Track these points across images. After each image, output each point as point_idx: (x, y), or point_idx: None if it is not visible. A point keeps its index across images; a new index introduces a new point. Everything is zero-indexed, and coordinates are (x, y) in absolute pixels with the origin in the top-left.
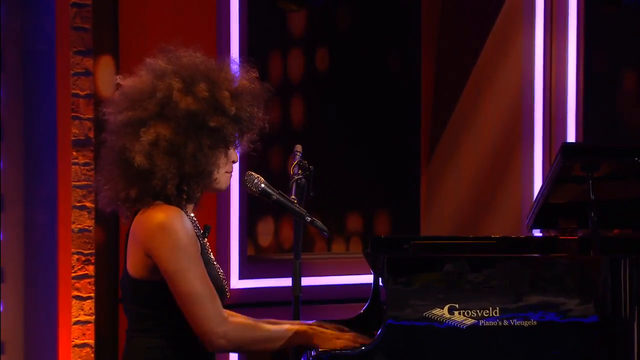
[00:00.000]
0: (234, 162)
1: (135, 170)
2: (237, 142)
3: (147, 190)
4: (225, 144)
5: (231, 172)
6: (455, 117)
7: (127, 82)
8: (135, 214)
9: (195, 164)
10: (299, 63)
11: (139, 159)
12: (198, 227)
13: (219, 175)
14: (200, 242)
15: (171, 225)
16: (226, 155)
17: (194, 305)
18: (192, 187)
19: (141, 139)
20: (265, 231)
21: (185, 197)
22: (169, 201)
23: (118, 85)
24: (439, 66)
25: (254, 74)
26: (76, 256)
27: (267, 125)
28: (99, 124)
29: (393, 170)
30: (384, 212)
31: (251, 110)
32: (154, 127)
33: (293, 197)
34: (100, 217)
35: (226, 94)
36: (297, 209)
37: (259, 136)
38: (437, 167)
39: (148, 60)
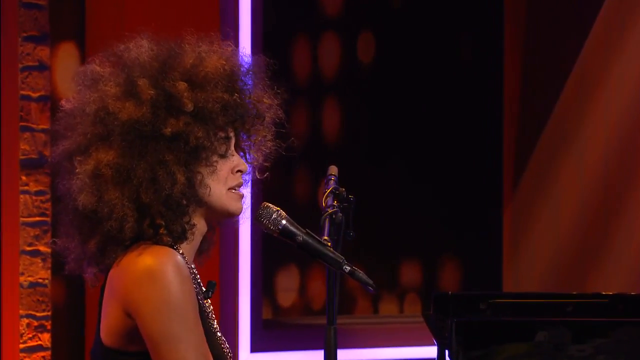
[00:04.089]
0: (239, 172)
1: (84, 215)
2: (226, 146)
3: (107, 237)
4: (203, 152)
5: (237, 185)
6: (551, 130)
7: (68, 104)
8: (109, 267)
9: (156, 189)
10: (334, 53)
11: (82, 199)
12: (199, 283)
13: (214, 196)
14: (200, 302)
15: (162, 273)
16: (210, 166)
17: None
18: (168, 217)
19: (77, 171)
20: (288, 286)
21: (164, 232)
22: (153, 241)
23: (60, 110)
24: (528, 60)
25: (230, 46)
26: (26, 320)
27: (281, 114)
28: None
29: (464, 203)
30: (451, 260)
31: (229, 97)
32: (94, 153)
33: (326, 238)
34: (58, 266)
35: (181, 85)
36: (331, 254)
37: (272, 130)
38: (525, 198)
39: (81, 68)
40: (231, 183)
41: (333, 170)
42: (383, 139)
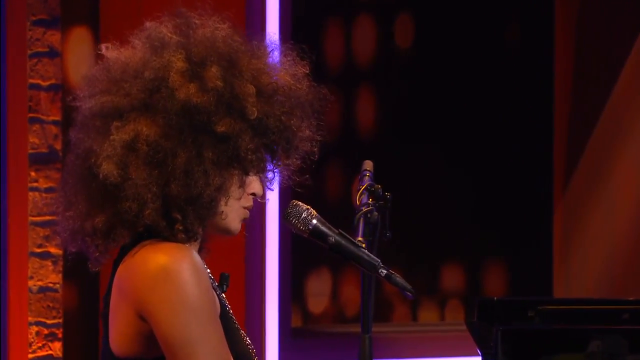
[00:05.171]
0: (254, 195)
1: (101, 184)
2: (262, 165)
3: (120, 217)
4: (240, 163)
5: (248, 209)
6: (604, 126)
7: (113, 54)
8: (121, 257)
9: (187, 183)
10: (369, 38)
11: (106, 167)
12: (212, 277)
13: (228, 208)
14: (219, 298)
15: (177, 271)
16: (241, 181)
17: None
18: (188, 215)
19: (112, 137)
20: (319, 291)
21: (180, 228)
22: (164, 236)
23: (100, 58)
24: (580, 50)
25: (304, 68)
26: (35, 328)
27: (316, 149)
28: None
29: (511, 201)
30: (497, 263)
31: (287, 120)
32: (134, 123)
33: (360, 239)
34: (71, 268)
35: (250, 88)
36: (366, 257)
37: (302, 162)
38: (577, 198)
39: (148, 24)
40: (245, 203)
41: (368, 165)
42: (422, 132)
